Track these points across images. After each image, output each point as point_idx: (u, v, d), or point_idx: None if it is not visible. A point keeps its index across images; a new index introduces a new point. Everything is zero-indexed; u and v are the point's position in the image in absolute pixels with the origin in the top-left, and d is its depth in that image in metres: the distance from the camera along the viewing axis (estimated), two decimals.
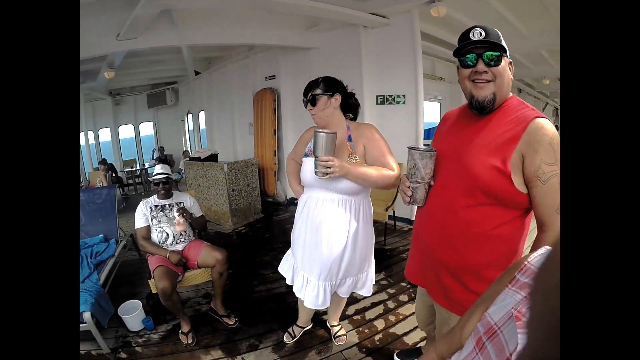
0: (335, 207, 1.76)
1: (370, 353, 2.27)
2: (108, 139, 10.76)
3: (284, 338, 2.39)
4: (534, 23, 4.69)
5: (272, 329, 2.52)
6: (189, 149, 10.56)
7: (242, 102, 6.86)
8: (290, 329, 2.42)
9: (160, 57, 6.87)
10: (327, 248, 1.78)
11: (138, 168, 9.55)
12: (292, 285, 2.02)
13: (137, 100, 10.87)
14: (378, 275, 3.16)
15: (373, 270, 2.03)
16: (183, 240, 2.67)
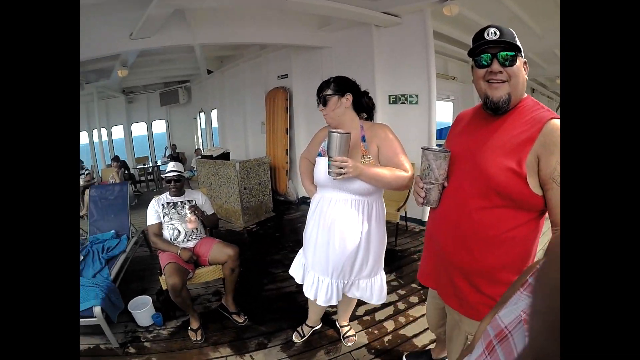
0: (348, 207, 1.75)
1: (380, 354, 2.26)
2: (121, 136, 10.96)
3: (293, 337, 2.39)
4: (548, 22, 4.62)
5: (281, 328, 2.53)
6: (201, 147, 10.62)
7: (254, 100, 6.89)
8: (300, 328, 2.42)
9: (173, 56, 6.94)
10: (339, 247, 1.78)
11: (150, 165, 9.64)
12: (302, 285, 2.02)
13: (149, 98, 11.01)
14: (389, 277, 3.15)
15: (384, 278, 2.00)
16: (194, 238, 2.69)
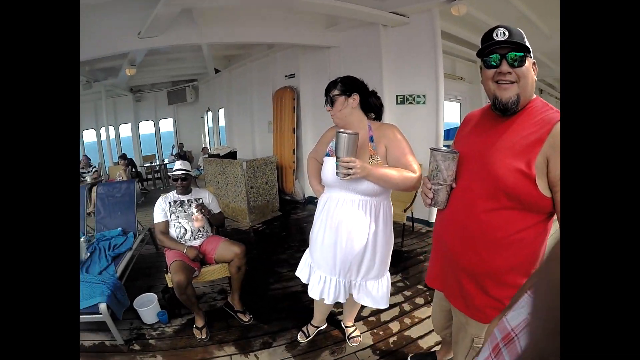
0: (356, 208, 1.75)
1: (384, 355, 2.25)
2: (128, 135, 11.04)
3: (298, 337, 2.39)
4: (556, 22, 4.54)
5: (286, 328, 2.53)
6: (208, 146, 10.67)
7: (261, 100, 6.89)
8: (305, 328, 2.42)
9: (181, 55, 6.99)
10: (346, 247, 1.78)
11: (157, 163, 9.69)
12: (307, 285, 2.02)
13: (157, 97, 11.08)
14: (395, 277, 3.14)
15: (389, 280, 1.99)
16: (201, 236, 2.70)
